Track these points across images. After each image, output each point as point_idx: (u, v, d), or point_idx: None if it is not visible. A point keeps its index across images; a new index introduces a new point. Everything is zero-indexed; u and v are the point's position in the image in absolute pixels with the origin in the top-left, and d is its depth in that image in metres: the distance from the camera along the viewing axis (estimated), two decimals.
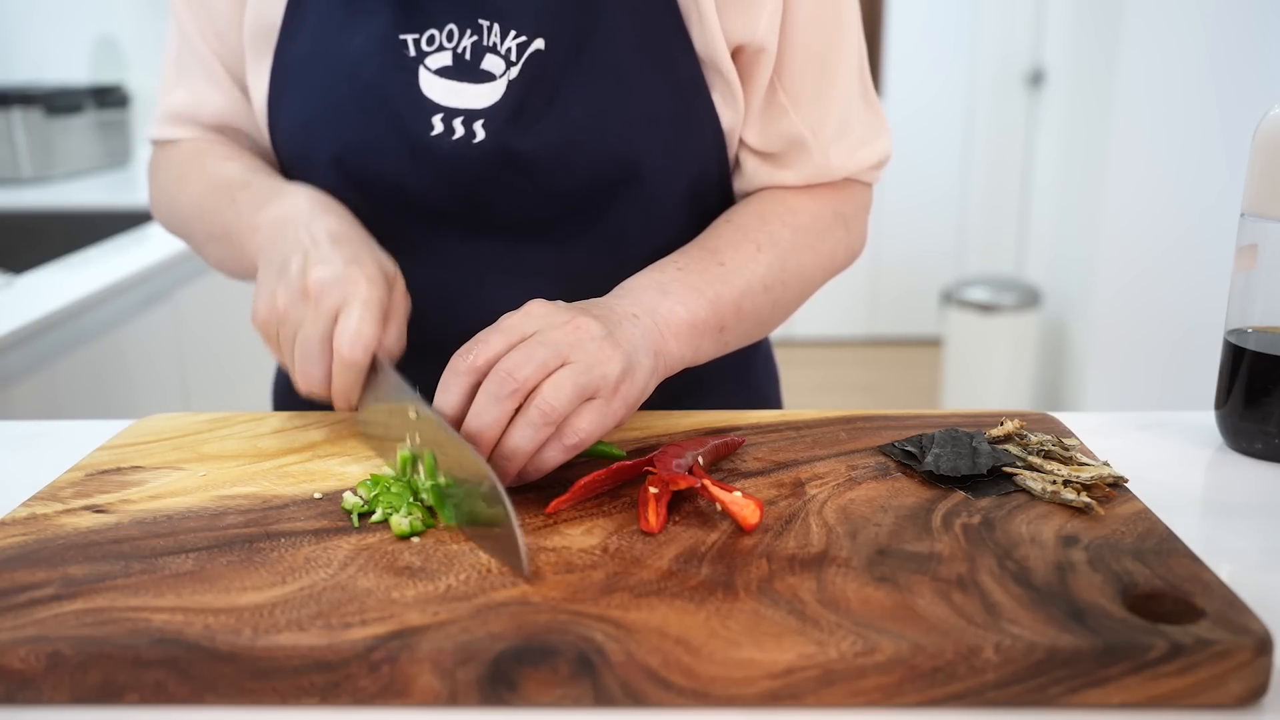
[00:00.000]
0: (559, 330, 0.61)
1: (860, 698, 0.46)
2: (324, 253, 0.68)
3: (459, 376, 0.61)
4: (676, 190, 0.79)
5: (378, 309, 0.66)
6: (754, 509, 0.57)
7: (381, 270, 0.69)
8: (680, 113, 0.77)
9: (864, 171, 0.85)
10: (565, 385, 0.59)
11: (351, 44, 0.76)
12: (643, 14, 0.75)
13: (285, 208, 0.73)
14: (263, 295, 0.69)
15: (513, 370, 0.59)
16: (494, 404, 0.59)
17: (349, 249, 0.69)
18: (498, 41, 0.75)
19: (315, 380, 0.66)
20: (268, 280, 0.69)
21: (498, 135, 0.75)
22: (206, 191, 0.81)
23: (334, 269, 0.66)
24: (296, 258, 0.68)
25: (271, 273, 0.69)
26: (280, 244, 0.70)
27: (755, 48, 0.77)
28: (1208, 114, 2.62)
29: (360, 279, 0.66)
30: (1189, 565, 0.53)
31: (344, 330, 0.65)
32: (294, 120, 0.79)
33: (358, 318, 0.65)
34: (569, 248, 0.79)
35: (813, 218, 0.81)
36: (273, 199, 0.75)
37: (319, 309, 0.65)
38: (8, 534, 0.57)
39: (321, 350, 0.66)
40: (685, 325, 0.70)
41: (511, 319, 0.63)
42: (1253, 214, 0.71)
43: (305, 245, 0.69)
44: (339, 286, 0.66)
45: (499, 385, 0.59)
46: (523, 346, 0.60)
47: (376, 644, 0.46)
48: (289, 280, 0.67)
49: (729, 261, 0.75)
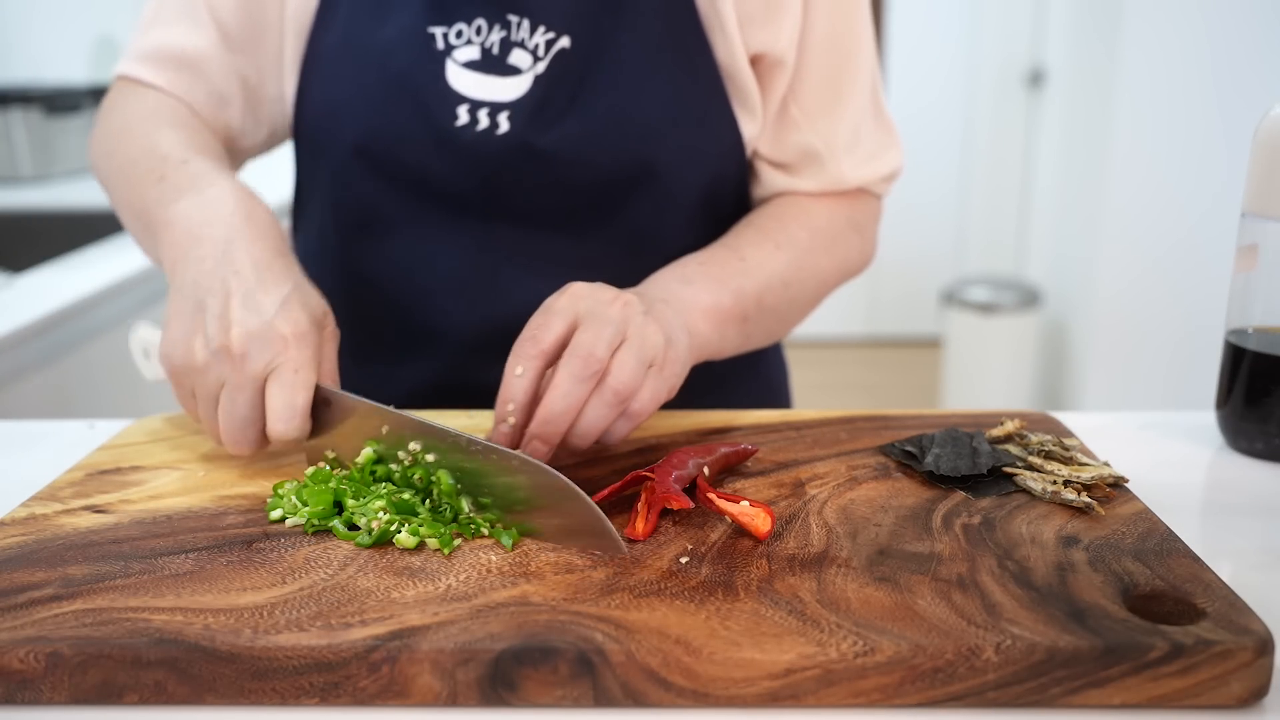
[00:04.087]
0: (610, 307, 0.62)
1: (860, 698, 0.46)
2: (247, 294, 0.62)
3: (532, 360, 0.61)
4: (692, 189, 0.81)
5: (309, 371, 0.62)
6: (764, 517, 0.56)
7: (309, 314, 0.64)
8: (699, 114, 0.79)
9: (875, 183, 0.87)
10: (629, 362, 0.61)
11: (381, 35, 0.78)
12: (665, 17, 0.77)
13: (204, 211, 0.67)
14: (176, 341, 0.63)
15: (593, 349, 0.60)
16: (578, 384, 0.60)
17: (274, 289, 0.63)
18: (526, 37, 0.77)
19: (244, 446, 0.63)
20: (181, 321, 0.63)
21: (521, 128, 0.76)
22: (141, 155, 0.76)
23: (258, 321, 0.61)
24: (215, 299, 0.62)
25: (185, 313, 0.63)
26: (194, 269, 0.64)
27: (774, 59, 0.79)
28: (1208, 114, 2.61)
29: (288, 338, 0.61)
30: (1190, 565, 0.53)
31: (277, 407, 0.61)
32: (320, 107, 0.81)
33: (289, 389, 0.61)
34: (586, 240, 0.81)
35: (828, 222, 0.83)
36: (192, 190, 0.69)
37: (243, 372, 0.61)
38: (7, 534, 0.57)
39: (251, 416, 0.62)
40: (711, 309, 0.72)
41: (559, 301, 0.63)
42: (1253, 214, 0.71)
43: (226, 280, 0.63)
44: (266, 349, 0.61)
45: (583, 366, 0.60)
46: (589, 326, 0.61)
47: (376, 644, 0.46)
48: (208, 331, 0.62)
49: (750, 257, 0.77)
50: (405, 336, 0.84)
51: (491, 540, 0.56)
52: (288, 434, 0.61)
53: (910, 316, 4.15)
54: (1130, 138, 2.72)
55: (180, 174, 0.72)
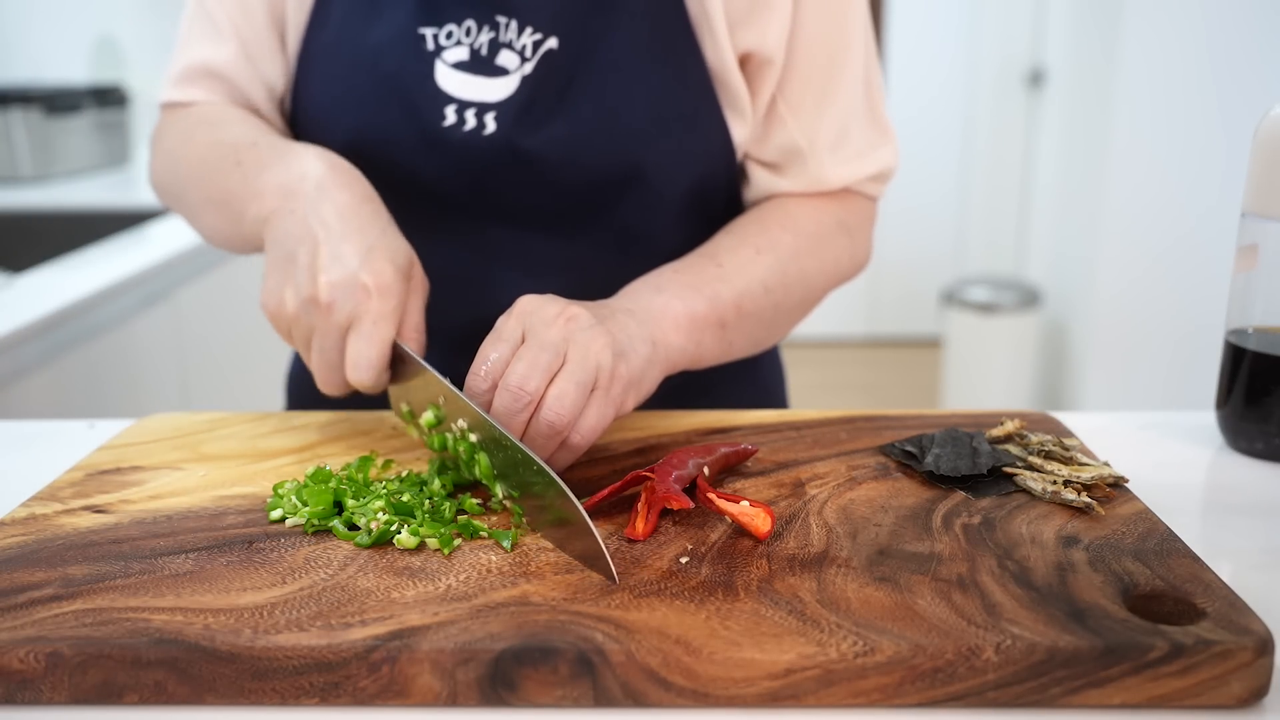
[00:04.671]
0: (552, 328, 0.62)
1: (860, 698, 0.46)
2: (333, 245, 0.65)
3: (483, 395, 0.61)
4: (681, 190, 0.81)
5: (389, 323, 0.65)
6: (764, 517, 0.56)
7: (393, 265, 0.66)
8: (687, 115, 0.78)
9: (863, 183, 0.85)
10: (569, 392, 0.60)
11: (373, 35, 0.78)
12: (654, 19, 0.77)
13: (292, 174, 0.70)
14: (271, 291, 0.67)
15: (522, 384, 0.60)
16: (511, 418, 0.60)
17: (359, 238, 0.66)
18: (514, 38, 0.77)
19: (334, 389, 0.67)
20: (275, 273, 0.67)
21: (508, 129, 0.76)
22: (210, 151, 0.78)
23: (342, 272, 0.64)
24: (305, 249, 0.66)
25: (279, 264, 0.67)
26: (286, 223, 0.68)
27: (762, 58, 0.79)
28: (1208, 114, 2.61)
29: (371, 289, 0.64)
30: (1190, 565, 0.53)
31: (353, 357, 0.64)
32: (312, 105, 0.81)
33: (366, 340, 0.64)
34: (575, 240, 0.81)
35: (814, 224, 0.82)
36: (279, 161, 0.72)
37: (329, 320, 0.64)
38: (7, 534, 0.57)
39: (337, 362, 0.65)
40: (684, 317, 0.71)
41: (506, 325, 0.63)
42: (1253, 214, 0.71)
43: (314, 232, 0.66)
44: (349, 298, 0.64)
45: (513, 400, 0.59)
46: (524, 354, 0.61)
47: (376, 644, 0.46)
48: (298, 281, 0.65)
49: (727, 263, 0.76)
50: None
51: (491, 540, 0.56)
52: (362, 384, 0.64)
53: (910, 316, 4.15)
54: (1130, 138, 2.72)
55: (254, 153, 0.74)
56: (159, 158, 0.86)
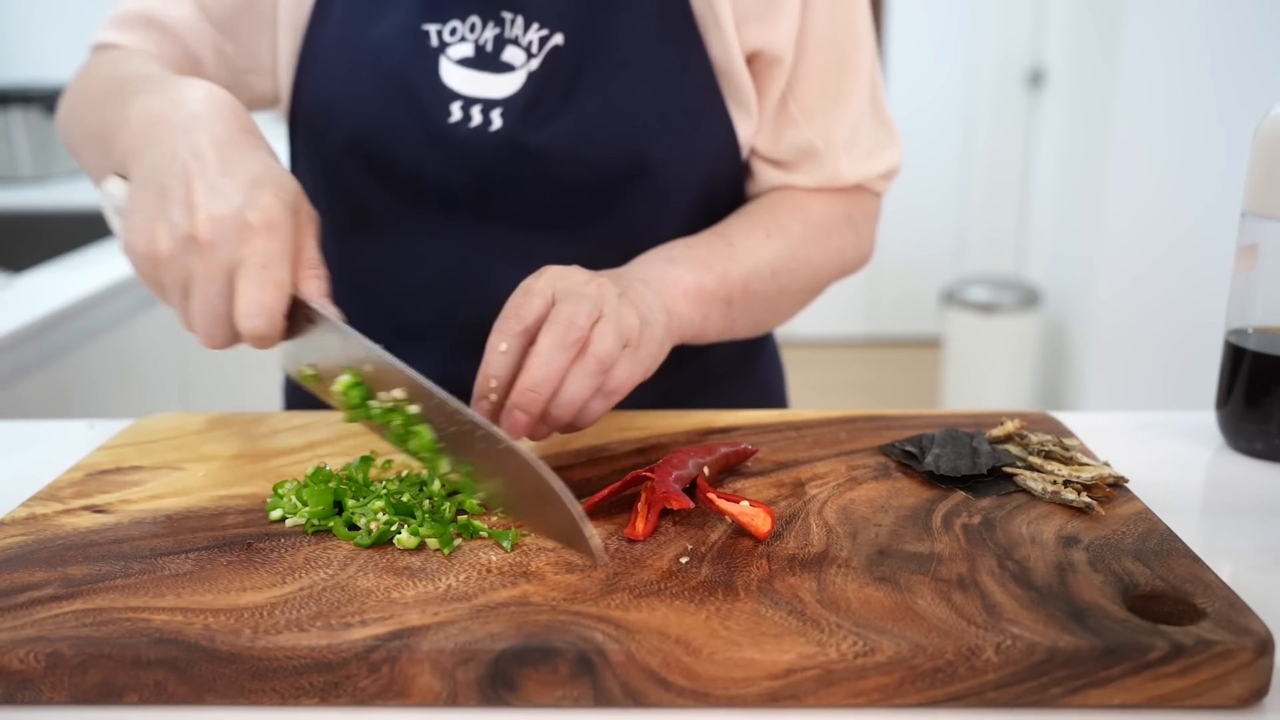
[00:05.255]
0: (586, 287, 0.63)
1: (860, 698, 0.46)
2: (210, 179, 0.57)
3: (515, 337, 0.61)
4: (686, 187, 0.81)
5: (282, 263, 0.57)
6: (764, 517, 0.56)
7: (280, 200, 0.58)
8: (693, 112, 0.79)
9: (873, 180, 0.87)
10: (609, 333, 0.61)
11: (376, 31, 0.78)
12: (660, 15, 0.77)
13: (162, 102, 0.62)
14: (139, 228, 0.58)
15: (574, 317, 0.60)
16: (560, 351, 0.59)
17: (240, 171, 0.58)
18: (519, 34, 0.77)
19: (219, 341, 0.59)
20: (143, 209, 0.58)
21: (514, 125, 0.76)
22: (103, 85, 0.72)
23: (225, 207, 0.56)
24: (178, 182, 0.57)
25: (148, 200, 0.58)
26: (153, 153, 0.59)
27: (771, 57, 0.79)
28: (1208, 114, 2.61)
29: (256, 228, 0.56)
30: (1190, 565, 0.53)
31: (243, 304, 0.56)
32: (314, 102, 0.80)
33: (257, 284, 0.56)
34: (579, 238, 0.81)
35: (823, 215, 0.83)
36: (156, 90, 0.63)
37: (210, 263, 0.56)
38: (8, 534, 0.57)
39: (223, 310, 0.57)
40: (693, 290, 0.72)
41: (538, 282, 0.63)
42: (1253, 214, 0.71)
43: (186, 163, 0.58)
44: (232, 237, 0.56)
45: (563, 333, 0.59)
46: (566, 300, 0.61)
47: (376, 644, 0.46)
48: (171, 218, 0.57)
49: (738, 243, 0.77)
50: (397, 333, 0.83)
51: (491, 540, 0.56)
52: (255, 332, 0.57)
53: (910, 316, 4.15)
54: (1130, 138, 2.72)
55: (137, 85, 0.67)
56: (67, 96, 0.80)
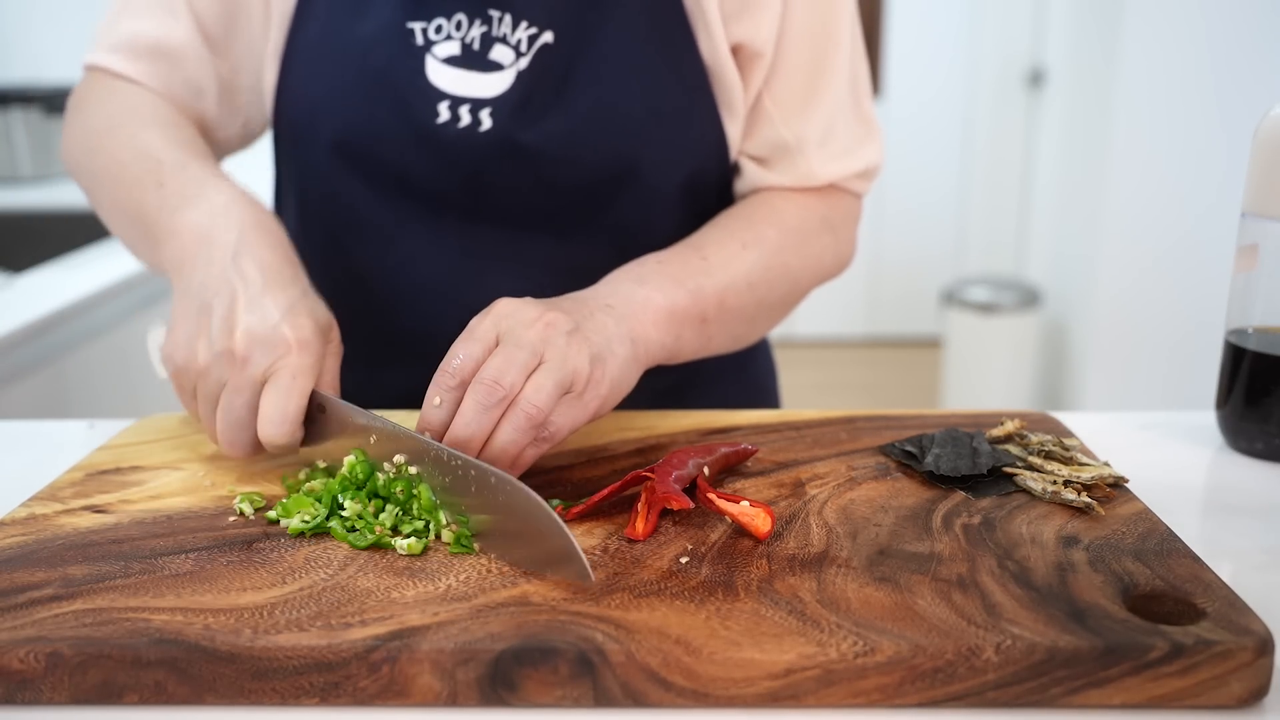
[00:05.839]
0: (530, 330, 0.60)
1: (860, 698, 0.46)
2: (253, 298, 0.63)
3: (449, 391, 0.59)
4: (676, 186, 0.80)
5: (308, 377, 0.62)
6: (764, 517, 0.56)
7: (314, 322, 0.64)
8: (683, 109, 0.78)
9: (849, 180, 0.85)
10: (545, 386, 0.59)
11: (361, 30, 0.77)
12: (649, 13, 0.76)
13: (213, 221, 0.67)
14: (181, 343, 0.63)
15: (498, 378, 0.58)
16: (482, 412, 0.58)
17: (281, 295, 0.64)
18: (508, 32, 0.76)
19: (239, 449, 0.63)
20: (186, 324, 0.63)
21: (503, 125, 0.76)
22: (134, 158, 0.74)
23: (263, 325, 0.62)
24: (221, 301, 0.63)
25: (191, 314, 0.63)
26: (202, 272, 0.65)
27: (752, 51, 0.78)
28: (1208, 114, 2.61)
29: (291, 343, 0.62)
30: (1190, 565, 0.53)
31: (269, 411, 0.61)
32: (299, 103, 0.80)
33: (284, 394, 0.61)
34: (569, 239, 0.80)
35: (800, 221, 0.81)
36: (198, 198, 0.69)
37: (243, 374, 0.61)
38: (8, 534, 0.57)
39: (246, 419, 0.62)
40: (663, 312, 0.69)
41: (481, 324, 0.61)
42: (1253, 214, 0.71)
43: (233, 284, 0.63)
44: (268, 351, 0.61)
45: (487, 394, 0.58)
46: (501, 351, 0.59)
47: (376, 644, 0.46)
48: (212, 333, 0.62)
49: (712, 256, 0.75)
50: (387, 339, 0.83)
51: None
52: (277, 439, 0.61)
53: (910, 316, 4.15)
54: (1130, 138, 2.72)
55: (179, 179, 0.71)
56: (77, 136, 0.81)
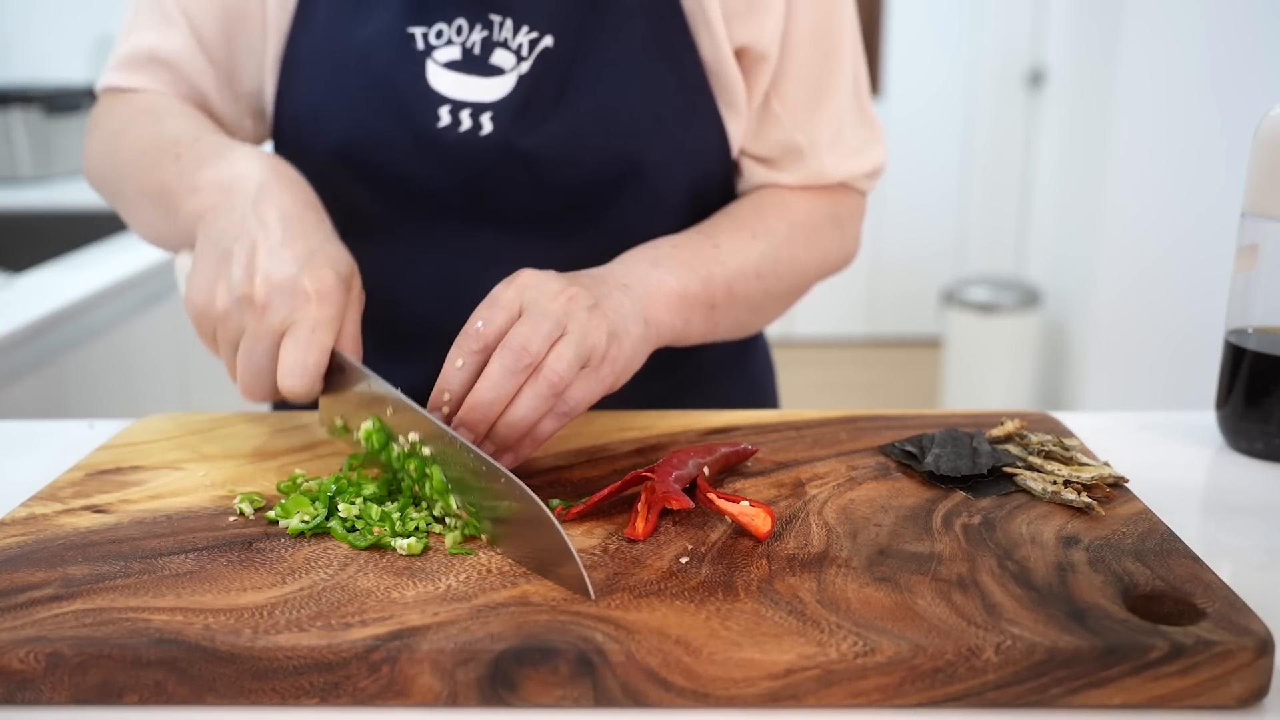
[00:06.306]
0: (553, 301, 0.62)
1: (860, 698, 0.46)
2: (273, 247, 0.62)
3: (472, 354, 0.60)
4: (678, 188, 0.81)
5: (328, 330, 0.62)
6: (764, 518, 0.56)
7: (335, 272, 0.63)
8: (684, 112, 0.78)
9: (858, 179, 0.86)
10: (566, 355, 0.60)
11: (360, 35, 0.77)
12: (649, 15, 0.77)
13: (233, 171, 0.67)
14: (200, 286, 0.63)
15: (526, 344, 0.59)
16: (509, 376, 0.59)
17: (301, 243, 0.63)
18: (509, 37, 0.76)
19: (259, 395, 0.63)
20: (207, 268, 0.63)
21: (505, 129, 0.76)
22: (151, 144, 0.75)
23: (283, 273, 0.61)
24: (242, 247, 0.62)
25: (211, 259, 0.63)
26: (223, 219, 0.64)
27: (758, 54, 0.79)
28: (1208, 114, 2.61)
29: (310, 294, 0.61)
30: (1190, 565, 0.53)
31: (288, 363, 0.61)
32: (299, 108, 0.80)
33: (303, 346, 0.61)
34: (571, 242, 0.80)
35: (808, 215, 0.82)
36: (220, 157, 0.69)
37: (263, 322, 0.61)
38: (7, 534, 0.57)
39: (267, 367, 0.62)
40: (675, 295, 0.71)
41: (505, 292, 0.62)
42: (1253, 214, 0.71)
43: (253, 231, 0.63)
44: (287, 300, 0.61)
45: (514, 359, 0.59)
46: (527, 320, 0.60)
47: (376, 644, 0.46)
48: (232, 279, 0.62)
49: (724, 244, 0.76)
50: (390, 340, 0.83)
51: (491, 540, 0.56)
52: (295, 390, 0.61)
53: (910, 316, 4.15)
54: (1130, 138, 2.72)
55: (196, 149, 0.71)
56: (95, 146, 0.83)
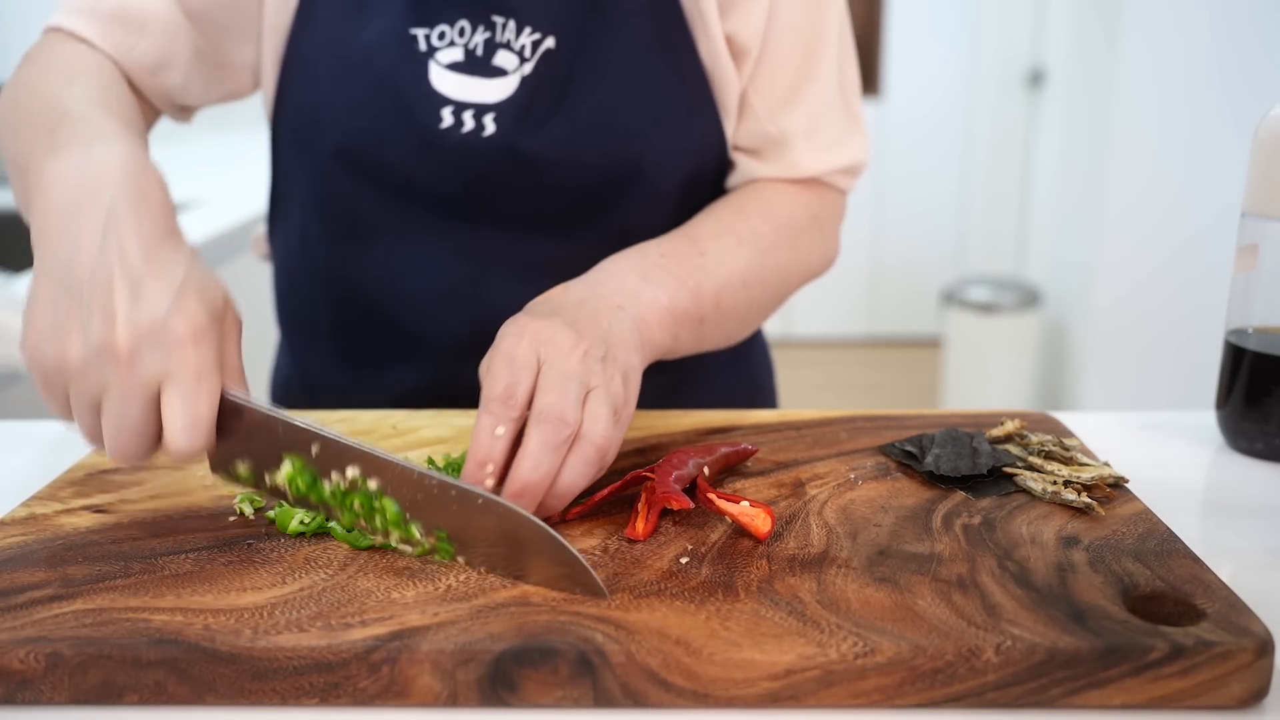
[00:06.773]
0: (569, 358, 0.58)
1: (860, 699, 0.46)
2: (134, 283, 0.51)
3: (511, 423, 0.56)
4: (678, 188, 0.81)
5: (213, 375, 0.52)
6: (764, 518, 0.56)
7: (206, 305, 0.53)
8: (684, 111, 0.79)
9: (834, 175, 0.85)
10: (602, 414, 0.56)
11: (362, 37, 0.77)
12: (650, 16, 0.77)
13: (85, 176, 0.56)
14: (46, 335, 0.52)
15: (563, 415, 0.55)
16: (551, 451, 0.55)
17: (165, 277, 0.52)
18: (512, 38, 0.76)
19: (135, 458, 0.53)
20: (51, 311, 0.52)
21: (507, 130, 0.76)
22: (42, 109, 0.65)
23: (149, 316, 0.51)
24: (96, 284, 0.52)
25: (57, 300, 0.52)
26: (69, 245, 0.53)
27: (740, 46, 0.79)
28: (1208, 114, 2.61)
29: (183, 337, 0.51)
30: (1190, 566, 0.53)
31: (177, 422, 0.51)
32: (301, 110, 0.80)
33: (190, 401, 0.51)
34: (573, 241, 0.80)
35: (790, 216, 0.81)
36: (77, 149, 0.57)
37: (132, 376, 0.51)
38: (8, 534, 0.57)
39: (143, 428, 0.52)
40: (667, 313, 0.69)
41: (520, 348, 0.58)
42: (1253, 214, 0.71)
43: (108, 263, 0.52)
44: (157, 348, 0.51)
45: (554, 432, 0.55)
46: (554, 385, 0.56)
47: (376, 644, 0.46)
48: (88, 325, 0.51)
49: (710, 252, 0.74)
50: (392, 341, 0.83)
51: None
52: (190, 451, 0.52)
53: (910, 316, 4.15)
54: (1130, 138, 2.72)
55: (71, 129, 0.61)
56: (8, 86, 0.72)
